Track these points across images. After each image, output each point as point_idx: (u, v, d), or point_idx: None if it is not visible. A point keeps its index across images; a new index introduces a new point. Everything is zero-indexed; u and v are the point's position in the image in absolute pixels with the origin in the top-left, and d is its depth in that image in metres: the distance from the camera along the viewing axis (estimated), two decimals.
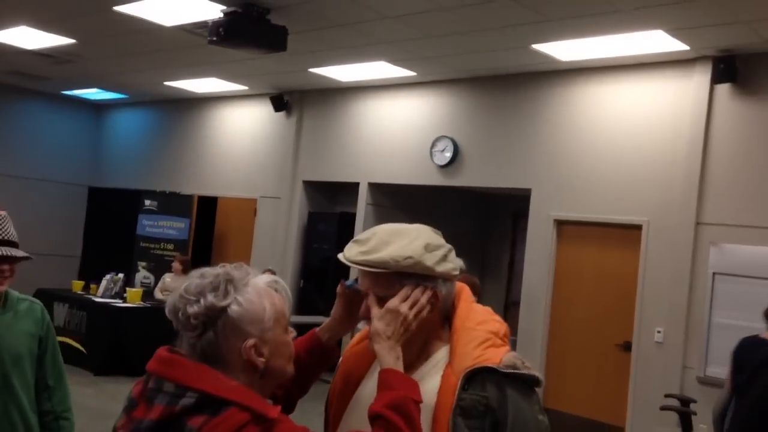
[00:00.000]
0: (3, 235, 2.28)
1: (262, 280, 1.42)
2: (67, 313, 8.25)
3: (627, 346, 6.50)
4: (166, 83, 9.80)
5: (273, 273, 6.25)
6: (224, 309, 1.32)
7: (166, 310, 1.38)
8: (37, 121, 11.78)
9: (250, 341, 1.33)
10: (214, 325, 1.32)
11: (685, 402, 5.40)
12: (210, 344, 1.33)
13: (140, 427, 1.29)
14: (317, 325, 1.70)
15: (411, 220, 1.61)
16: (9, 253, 2.27)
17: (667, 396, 5.71)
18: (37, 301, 2.52)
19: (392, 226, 1.50)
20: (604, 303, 6.76)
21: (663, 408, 5.46)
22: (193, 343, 1.34)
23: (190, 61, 8.32)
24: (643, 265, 6.41)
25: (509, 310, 9.17)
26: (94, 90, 11.10)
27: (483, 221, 9.71)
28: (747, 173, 5.97)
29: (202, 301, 1.32)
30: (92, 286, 8.77)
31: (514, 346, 6.64)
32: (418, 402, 1.35)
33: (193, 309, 1.32)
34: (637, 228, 6.47)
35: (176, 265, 8.61)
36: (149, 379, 1.34)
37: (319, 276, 9.16)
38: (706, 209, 6.11)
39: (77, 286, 8.97)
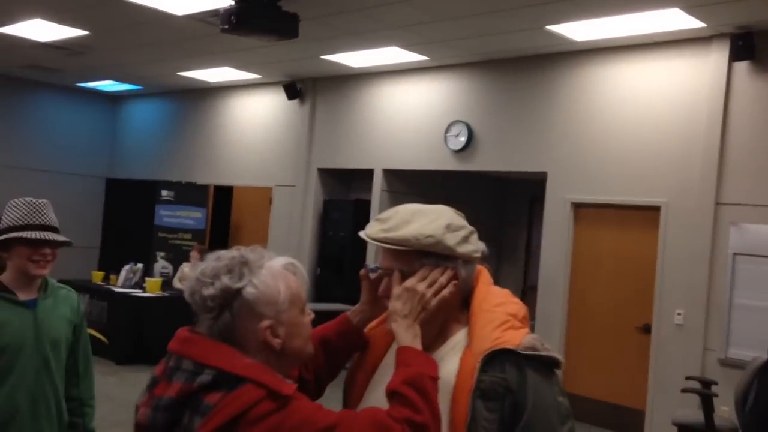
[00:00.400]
0: (44, 220, 2.36)
1: (278, 262, 1.43)
2: (88, 304, 8.33)
3: (647, 329, 6.45)
4: (180, 73, 9.81)
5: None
6: (239, 291, 1.35)
7: (186, 294, 1.41)
8: (53, 114, 11.86)
9: (266, 322, 1.36)
10: (230, 307, 1.35)
11: (707, 384, 5.36)
12: (226, 326, 1.35)
13: (159, 404, 1.32)
14: (334, 312, 1.70)
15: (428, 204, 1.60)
16: (50, 238, 2.35)
17: (687, 378, 5.67)
18: (73, 290, 2.62)
19: (414, 206, 1.50)
20: (623, 286, 6.71)
21: (684, 390, 5.43)
22: (211, 325, 1.37)
23: (202, 50, 8.32)
24: (662, 246, 6.35)
25: (527, 295, 9.15)
26: (108, 82, 11.15)
27: (499, 205, 9.67)
28: (767, 152, 5.88)
29: (217, 283, 1.35)
30: (112, 276, 8.85)
31: (532, 330, 6.60)
32: (435, 379, 1.35)
33: (209, 291, 1.35)
34: (656, 209, 6.41)
35: (194, 254, 8.67)
36: (170, 358, 1.38)
37: (335, 263, 9.17)
38: (726, 189, 6.04)
39: (97, 276, 9.06)
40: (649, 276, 6.44)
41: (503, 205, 9.68)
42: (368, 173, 8.80)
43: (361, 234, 1.49)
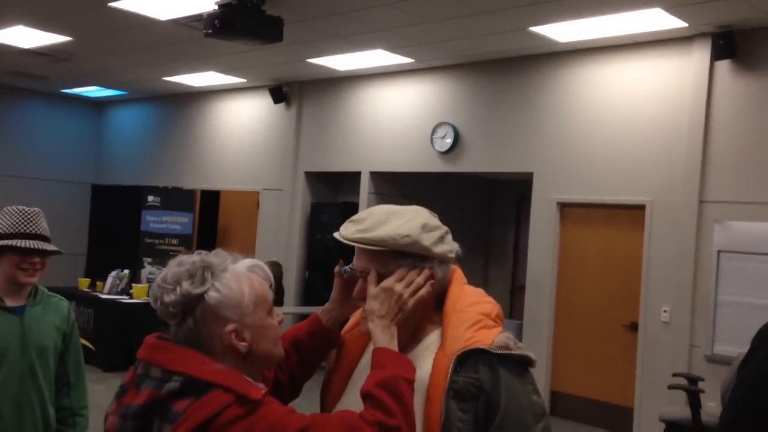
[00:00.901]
0: (35, 229, 2.39)
1: (243, 264, 1.43)
2: (75, 311, 8.27)
3: (634, 327, 6.50)
4: (165, 78, 9.78)
5: (278, 265, 6.33)
6: (201, 296, 1.34)
7: (150, 301, 1.40)
8: (38, 121, 11.78)
9: (230, 326, 1.35)
10: (193, 313, 1.35)
11: (693, 380, 5.41)
12: (191, 331, 1.35)
13: (128, 412, 1.32)
14: None
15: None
16: (40, 247, 2.37)
17: (674, 375, 5.72)
18: (65, 299, 2.63)
19: (389, 207, 1.50)
20: (609, 284, 6.76)
21: (671, 387, 5.47)
22: (175, 331, 1.37)
23: (187, 55, 8.30)
24: (647, 245, 6.41)
25: (515, 295, 9.18)
26: (93, 88, 11.09)
27: (486, 206, 9.70)
28: (749, 149, 5.94)
29: (178, 289, 1.35)
30: (98, 283, 8.81)
31: (520, 330, 6.62)
32: (411, 381, 1.35)
33: (170, 297, 1.35)
34: (641, 208, 6.46)
35: None
36: (138, 366, 1.38)
37: (324, 266, 9.16)
38: (709, 187, 6.10)
39: (84, 283, 9.02)
40: (635, 274, 6.49)
41: (491, 205, 9.71)
42: (355, 176, 8.80)
43: (336, 235, 1.48)
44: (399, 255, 1.43)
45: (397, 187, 8.66)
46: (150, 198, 10.35)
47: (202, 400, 1.27)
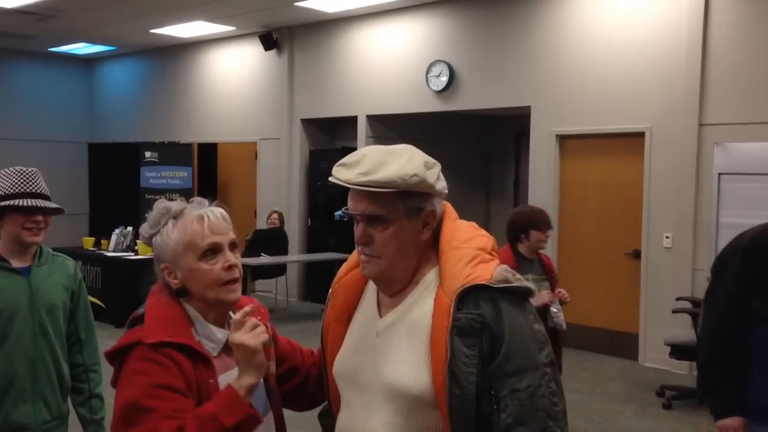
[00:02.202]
0: (35, 188, 2.38)
1: (196, 211, 1.58)
2: (82, 270, 8.34)
3: (636, 254, 6.55)
4: (153, 31, 9.62)
5: (280, 214, 6.41)
6: (151, 239, 1.61)
7: None
8: (28, 81, 11.65)
9: (163, 265, 1.59)
10: (154, 251, 1.62)
11: (697, 304, 5.47)
12: (155, 266, 1.63)
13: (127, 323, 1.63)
14: (328, 261, 1.72)
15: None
16: (42, 205, 2.36)
17: (678, 299, 5.79)
18: (71, 258, 2.64)
19: (381, 147, 1.46)
20: (611, 214, 6.78)
21: (675, 311, 5.55)
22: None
23: (173, 4, 8.14)
24: (647, 172, 6.40)
25: None
26: (81, 44, 10.92)
27: (486, 143, 9.66)
28: (747, 70, 5.87)
29: (143, 231, 1.62)
30: (103, 241, 8.84)
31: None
32: (226, 428, 1.44)
33: (143, 237, 1.63)
34: (640, 135, 6.43)
35: None
36: None
37: (325, 213, 9.19)
38: (709, 110, 6.05)
39: (88, 242, 9.05)
40: (636, 202, 6.50)
41: (490, 142, 9.66)
42: (352, 120, 8.74)
43: (335, 180, 1.43)
44: (405, 195, 1.41)
45: (395, 129, 8.61)
46: (147, 154, 10.30)
47: (133, 329, 1.56)
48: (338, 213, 1.75)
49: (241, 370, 1.49)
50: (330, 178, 1.45)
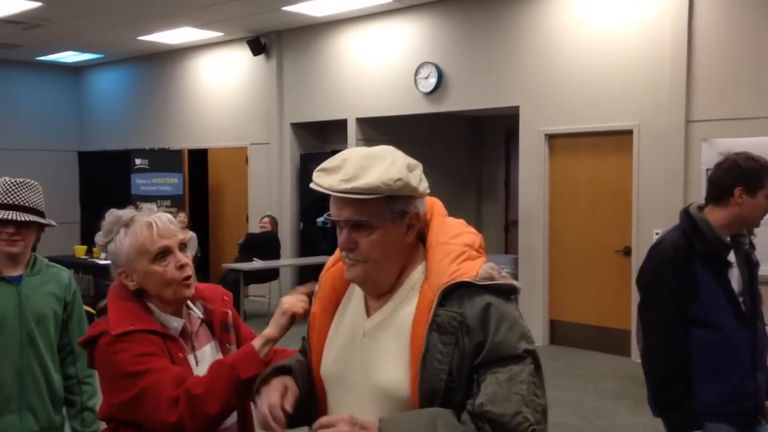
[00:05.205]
0: (15, 200, 2.34)
1: (145, 218, 1.73)
2: (74, 279, 8.33)
3: (627, 251, 6.59)
4: (140, 38, 9.61)
5: (272, 219, 6.44)
6: (106, 246, 1.75)
7: None
8: (16, 91, 11.60)
9: (120, 269, 1.74)
10: (110, 257, 1.75)
11: None
12: (112, 271, 1.77)
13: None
14: (320, 265, 1.72)
15: (404, 150, 1.54)
16: (8, 217, 2.32)
17: None
18: (66, 269, 2.64)
19: (361, 150, 1.45)
20: (601, 211, 6.82)
21: None
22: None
23: (160, 11, 8.13)
24: (636, 169, 6.44)
25: (509, 230, 9.26)
26: (69, 53, 10.89)
27: (476, 144, 9.69)
28: (733, 65, 5.93)
29: (98, 239, 1.77)
30: (95, 249, 8.82)
31: (516, 264, 6.65)
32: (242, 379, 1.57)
33: (98, 245, 1.79)
34: (628, 133, 6.47)
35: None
36: None
37: (317, 217, 9.19)
38: (695, 106, 6.10)
39: (80, 251, 9.03)
40: (626, 199, 6.54)
41: (480, 143, 9.70)
42: (342, 124, 8.76)
43: (317, 187, 1.41)
44: (389, 200, 1.39)
45: (385, 131, 8.63)
46: (138, 161, 10.28)
47: (98, 321, 1.72)
48: (320, 220, 1.75)
49: (270, 324, 1.66)
50: (311, 185, 1.44)
